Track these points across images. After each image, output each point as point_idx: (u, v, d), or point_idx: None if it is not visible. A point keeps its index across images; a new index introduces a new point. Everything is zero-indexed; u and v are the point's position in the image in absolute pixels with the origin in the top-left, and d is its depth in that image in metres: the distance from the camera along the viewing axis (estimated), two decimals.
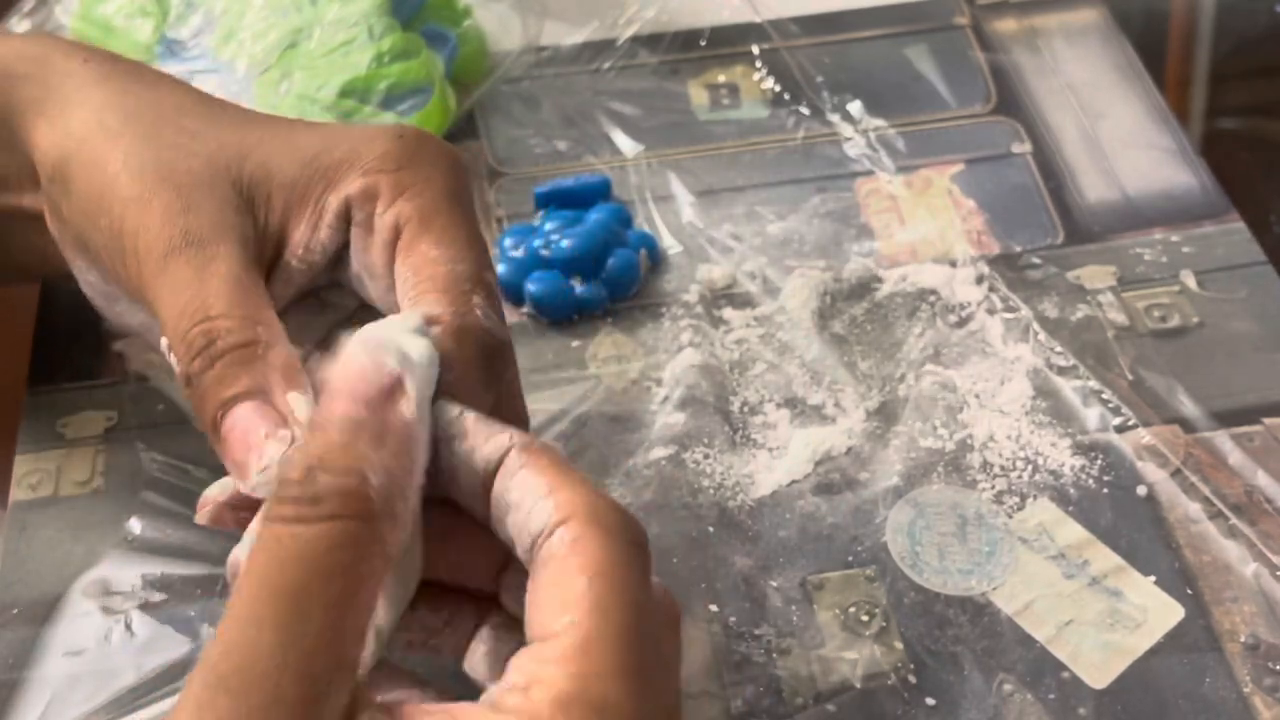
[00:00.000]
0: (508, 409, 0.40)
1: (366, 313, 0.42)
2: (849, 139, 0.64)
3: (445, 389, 0.36)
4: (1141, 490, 0.50)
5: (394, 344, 0.34)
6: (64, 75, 0.44)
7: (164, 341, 0.39)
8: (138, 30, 0.63)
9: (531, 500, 0.34)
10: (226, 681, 0.29)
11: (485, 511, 0.36)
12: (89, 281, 0.45)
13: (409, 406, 0.33)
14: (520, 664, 0.32)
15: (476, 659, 0.38)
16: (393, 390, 0.33)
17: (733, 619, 0.47)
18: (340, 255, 0.42)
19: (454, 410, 0.36)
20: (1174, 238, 0.59)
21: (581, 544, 0.33)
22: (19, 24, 0.66)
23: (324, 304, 0.44)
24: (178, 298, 0.39)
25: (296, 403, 0.37)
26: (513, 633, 0.38)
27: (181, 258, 0.39)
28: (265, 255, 0.41)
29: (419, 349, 0.35)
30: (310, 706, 0.30)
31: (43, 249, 0.46)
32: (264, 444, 0.36)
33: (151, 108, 0.43)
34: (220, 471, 0.39)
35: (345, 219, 0.42)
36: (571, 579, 0.33)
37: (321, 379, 0.36)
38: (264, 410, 0.37)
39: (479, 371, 0.37)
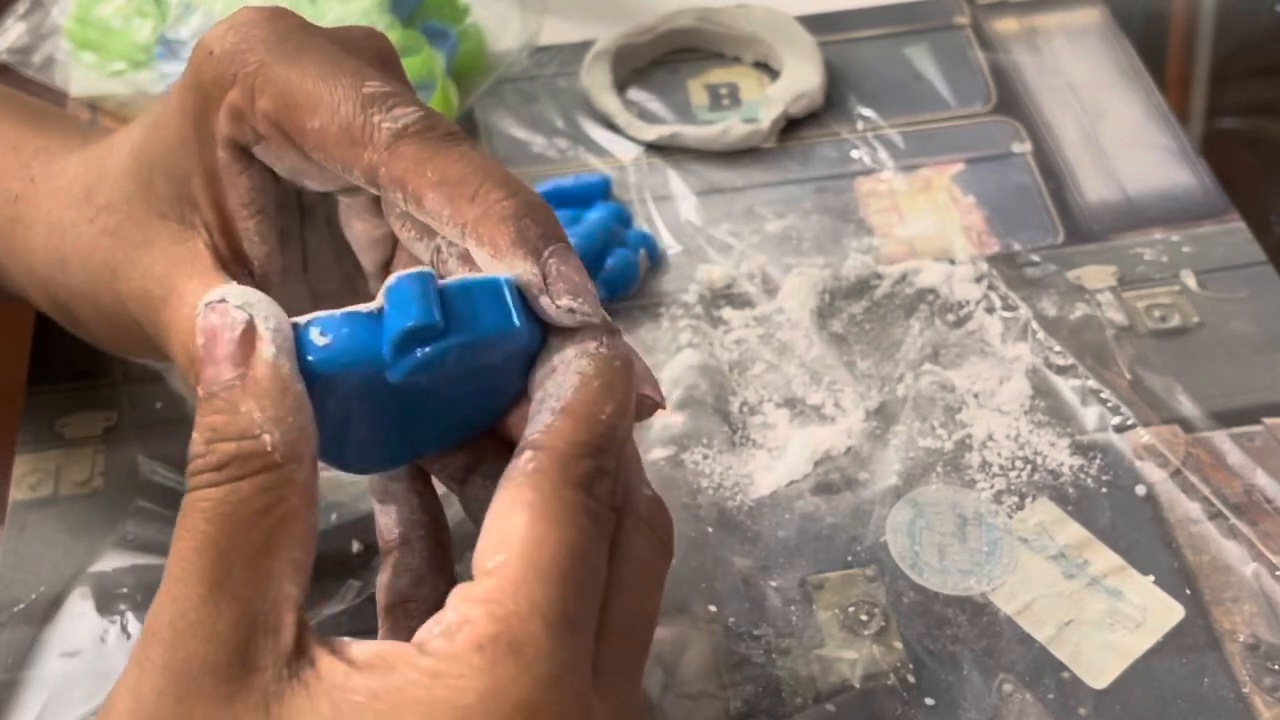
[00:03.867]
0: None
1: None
2: (849, 138, 0.64)
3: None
4: (1141, 490, 0.50)
5: (234, 292, 0.34)
6: None
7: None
8: (136, 31, 0.63)
9: (549, 405, 0.35)
10: (160, 634, 0.32)
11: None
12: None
13: (267, 348, 0.34)
14: (453, 602, 0.33)
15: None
16: (246, 338, 0.34)
17: (732, 619, 0.47)
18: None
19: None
20: (1174, 237, 0.59)
21: (537, 477, 0.33)
22: (13, 26, 0.66)
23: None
24: (172, 338, 0.40)
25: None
26: None
27: (170, 301, 0.40)
28: (215, 232, 0.41)
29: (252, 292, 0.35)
30: (245, 647, 0.31)
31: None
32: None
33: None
34: None
35: (238, 152, 0.40)
36: (514, 513, 0.33)
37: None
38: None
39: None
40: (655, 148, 0.64)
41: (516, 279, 0.36)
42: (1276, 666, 0.46)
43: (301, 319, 0.35)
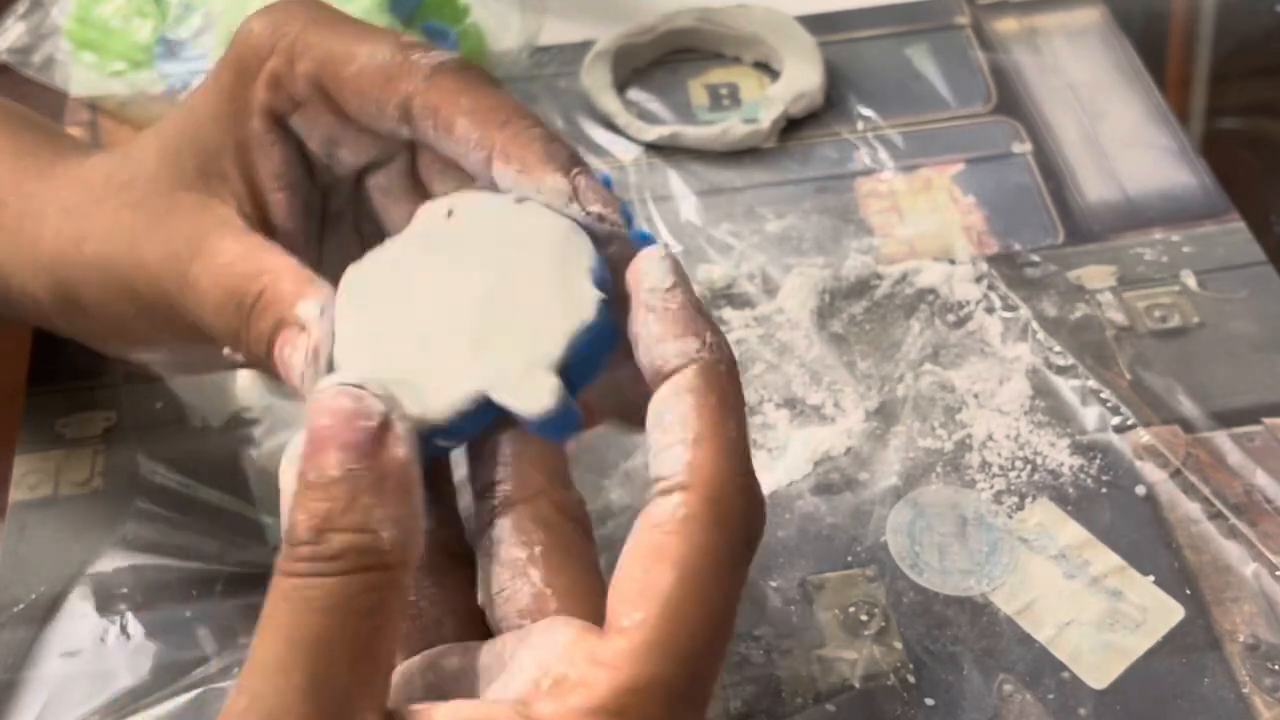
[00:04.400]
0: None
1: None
2: (849, 138, 0.64)
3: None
4: (1141, 490, 0.50)
5: (375, 383, 0.33)
6: None
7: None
8: (136, 31, 0.63)
9: (676, 435, 0.33)
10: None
11: (642, 398, 0.35)
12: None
13: (400, 446, 0.32)
14: (574, 655, 0.31)
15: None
16: (382, 432, 0.32)
17: None
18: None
19: (668, 280, 0.35)
20: (1174, 237, 0.59)
21: (689, 527, 0.32)
22: (13, 26, 0.66)
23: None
24: (203, 288, 0.40)
25: (306, 310, 0.38)
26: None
27: (201, 256, 0.41)
28: (244, 199, 0.42)
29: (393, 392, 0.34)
30: None
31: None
32: (289, 361, 0.38)
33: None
34: (217, 472, 0.39)
35: (274, 120, 0.41)
36: (661, 569, 0.31)
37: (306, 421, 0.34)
38: (287, 334, 0.38)
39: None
40: (655, 148, 0.64)
41: (547, 196, 0.36)
42: (1276, 667, 0.46)
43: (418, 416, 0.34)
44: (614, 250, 0.37)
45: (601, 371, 0.36)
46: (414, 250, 0.38)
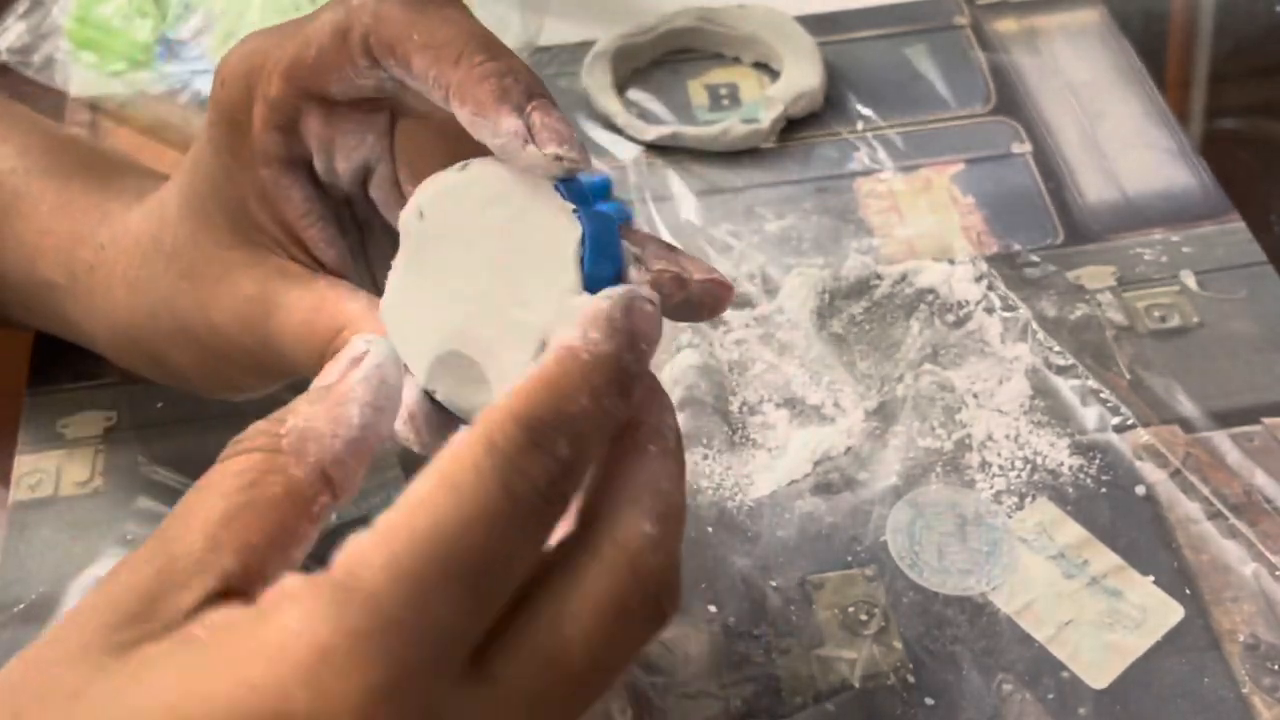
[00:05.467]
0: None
1: None
2: (849, 139, 0.64)
3: None
4: (1140, 490, 0.50)
5: (361, 338, 0.36)
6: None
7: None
8: (137, 31, 0.63)
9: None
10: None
11: None
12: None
13: (357, 372, 0.34)
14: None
15: None
16: (353, 363, 0.35)
17: (732, 619, 0.47)
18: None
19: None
20: (1174, 238, 0.59)
21: (457, 443, 0.31)
22: (14, 25, 0.66)
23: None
24: (287, 340, 0.42)
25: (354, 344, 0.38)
26: None
27: (276, 314, 0.42)
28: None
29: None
30: (149, 597, 0.30)
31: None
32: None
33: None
34: None
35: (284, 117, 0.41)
36: (422, 476, 0.30)
37: None
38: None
39: None
40: (655, 148, 0.64)
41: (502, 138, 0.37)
42: (1276, 666, 0.46)
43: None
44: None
45: (618, 255, 0.37)
46: (413, 268, 0.38)
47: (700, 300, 0.39)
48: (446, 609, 0.29)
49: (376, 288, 0.45)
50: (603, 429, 0.33)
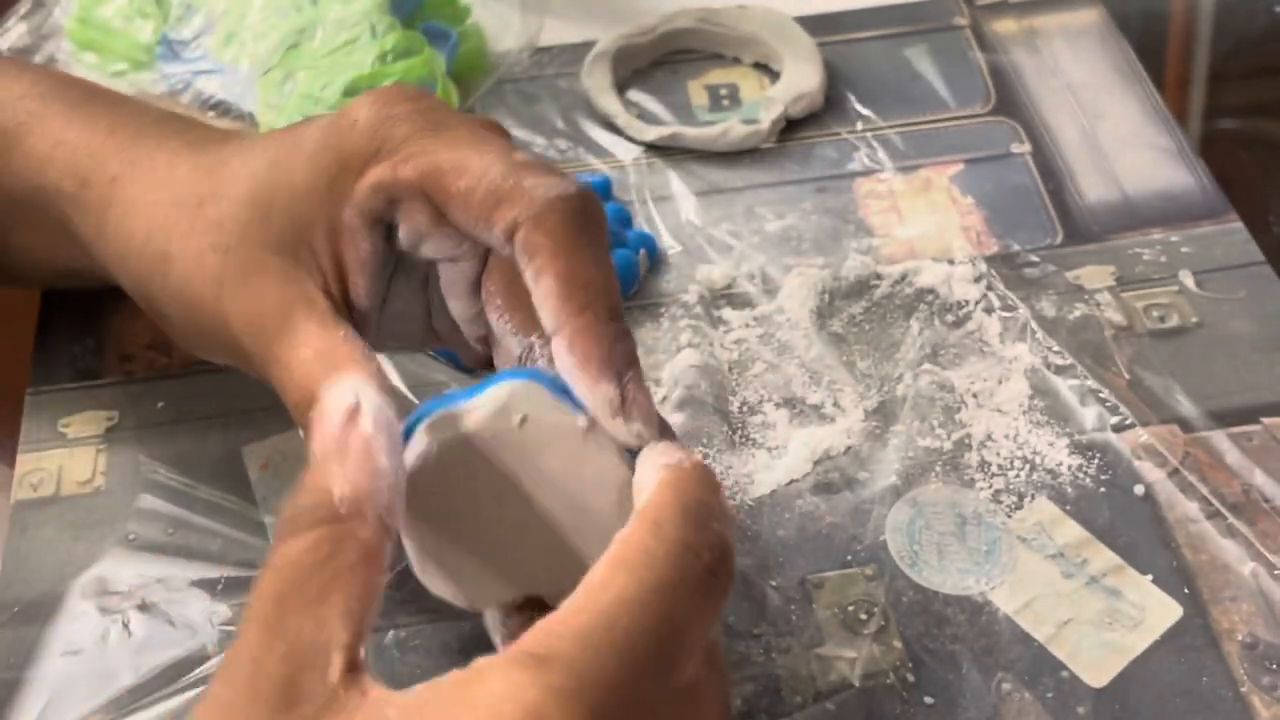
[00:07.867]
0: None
1: None
2: (848, 139, 0.64)
3: None
4: (1139, 489, 0.50)
5: (348, 386, 0.37)
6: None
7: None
8: (138, 31, 0.63)
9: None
10: (221, 673, 0.34)
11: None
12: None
13: (365, 420, 0.36)
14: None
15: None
16: (351, 415, 0.36)
17: (732, 618, 0.47)
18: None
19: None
20: (1173, 238, 0.59)
21: (622, 538, 0.35)
22: (15, 26, 0.66)
23: None
24: (283, 373, 0.42)
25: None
26: None
27: (286, 338, 0.42)
28: (330, 279, 0.43)
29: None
30: (291, 682, 0.32)
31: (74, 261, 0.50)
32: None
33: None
34: (218, 471, 0.40)
35: (378, 216, 0.42)
36: (597, 567, 0.34)
37: None
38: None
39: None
40: (655, 148, 0.64)
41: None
42: (1274, 665, 0.46)
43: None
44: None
45: None
46: (479, 451, 0.39)
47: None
48: (636, 670, 0.33)
49: (379, 330, 0.46)
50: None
